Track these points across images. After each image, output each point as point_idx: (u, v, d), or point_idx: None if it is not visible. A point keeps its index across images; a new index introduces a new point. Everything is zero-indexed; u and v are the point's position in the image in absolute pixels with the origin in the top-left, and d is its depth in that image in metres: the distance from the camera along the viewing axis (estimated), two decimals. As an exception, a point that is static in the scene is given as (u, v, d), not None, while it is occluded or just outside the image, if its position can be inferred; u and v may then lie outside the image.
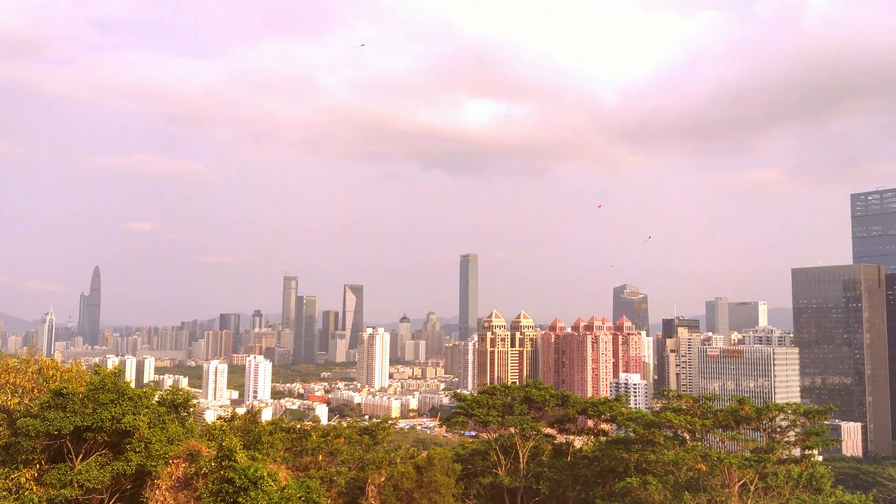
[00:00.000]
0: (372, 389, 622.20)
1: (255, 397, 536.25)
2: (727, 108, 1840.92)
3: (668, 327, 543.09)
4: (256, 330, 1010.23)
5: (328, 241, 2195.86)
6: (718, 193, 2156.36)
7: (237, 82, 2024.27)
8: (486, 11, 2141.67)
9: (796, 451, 54.06)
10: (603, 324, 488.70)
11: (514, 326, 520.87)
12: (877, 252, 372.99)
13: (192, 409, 41.85)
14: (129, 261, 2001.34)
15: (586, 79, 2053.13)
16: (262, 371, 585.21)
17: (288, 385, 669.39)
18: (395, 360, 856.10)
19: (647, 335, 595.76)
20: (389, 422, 65.79)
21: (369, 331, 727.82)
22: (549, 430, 61.92)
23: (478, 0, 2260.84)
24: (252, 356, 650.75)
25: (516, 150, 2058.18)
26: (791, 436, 53.92)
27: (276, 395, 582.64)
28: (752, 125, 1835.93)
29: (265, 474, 30.20)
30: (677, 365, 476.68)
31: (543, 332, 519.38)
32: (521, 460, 55.83)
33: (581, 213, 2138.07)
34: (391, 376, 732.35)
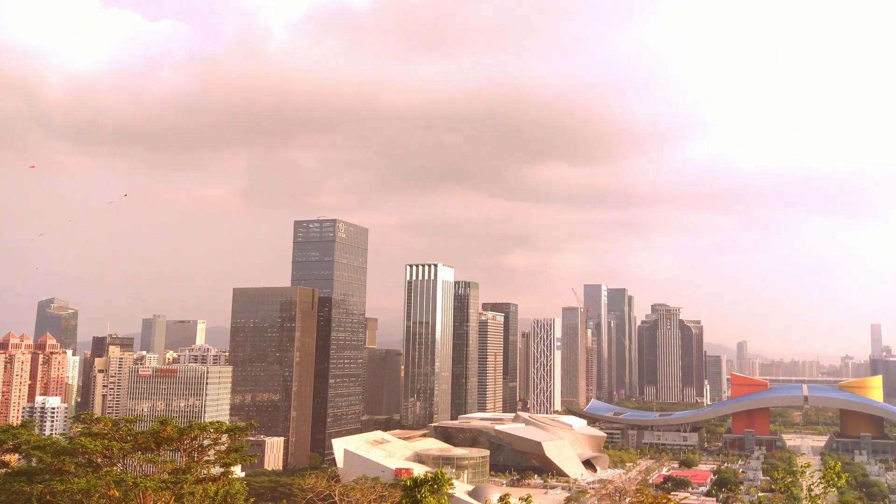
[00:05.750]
0: None
1: None
2: (184, 121, 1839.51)
3: (100, 346, 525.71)
4: None
5: None
6: (167, 208, 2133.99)
7: None
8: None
9: (218, 469, 57.14)
10: (22, 342, 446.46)
11: None
12: (313, 276, 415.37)
13: None
14: None
15: (24, 63, 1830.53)
16: None
17: None
18: None
19: (75, 354, 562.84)
20: None
21: None
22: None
23: None
24: None
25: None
26: (212, 454, 56.91)
27: None
28: (207, 142, 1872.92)
29: None
30: (105, 386, 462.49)
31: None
32: None
33: (8, 214, 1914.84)
34: None
